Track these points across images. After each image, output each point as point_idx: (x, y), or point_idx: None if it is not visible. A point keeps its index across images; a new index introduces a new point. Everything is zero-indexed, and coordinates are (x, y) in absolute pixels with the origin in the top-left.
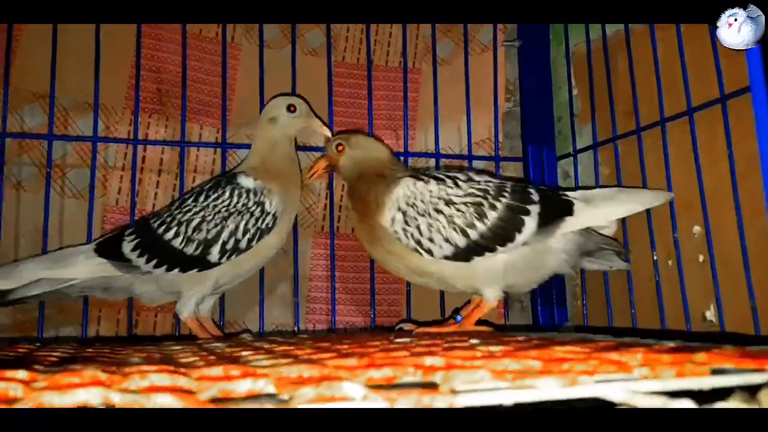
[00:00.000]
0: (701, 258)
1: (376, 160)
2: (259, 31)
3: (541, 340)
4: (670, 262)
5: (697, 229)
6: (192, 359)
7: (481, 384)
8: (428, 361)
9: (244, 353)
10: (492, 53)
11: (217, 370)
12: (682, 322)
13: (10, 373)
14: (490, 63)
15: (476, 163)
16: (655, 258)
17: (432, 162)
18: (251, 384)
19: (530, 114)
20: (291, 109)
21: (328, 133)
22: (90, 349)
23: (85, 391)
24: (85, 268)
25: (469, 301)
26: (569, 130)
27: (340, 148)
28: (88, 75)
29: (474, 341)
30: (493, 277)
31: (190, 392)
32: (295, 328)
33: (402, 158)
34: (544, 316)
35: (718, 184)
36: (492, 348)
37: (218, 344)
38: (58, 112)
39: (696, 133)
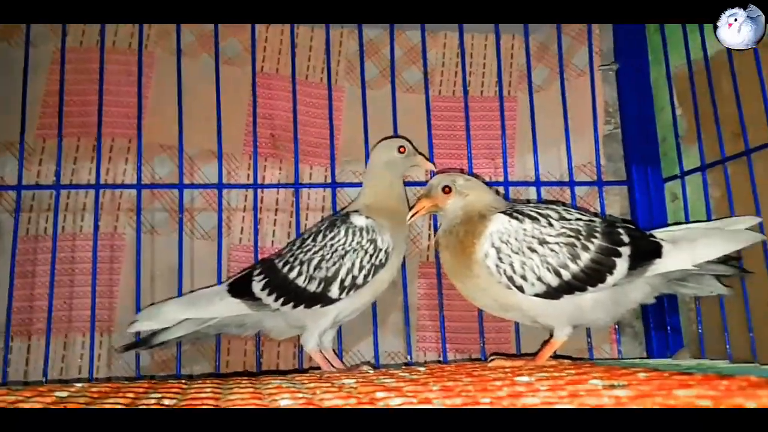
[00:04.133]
0: None
1: (480, 202)
2: (361, 72)
3: (662, 379)
4: None
5: None
6: None
7: None
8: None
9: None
10: (588, 77)
11: None
12: None
13: None
14: (586, 87)
15: (579, 189)
16: None
17: (533, 190)
18: None
19: (632, 136)
20: (401, 150)
21: (432, 167)
22: None
23: None
24: (222, 307)
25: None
26: (674, 152)
27: (447, 190)
28: (208, 124)
29: (596, 382)
30: (572, 315)
31: None
32: (408, 357)
33: (502, 188)
34: (659, 342)
35: None
36: (618, 392)
37: (348, 380)
38: (185, 161)
39: None
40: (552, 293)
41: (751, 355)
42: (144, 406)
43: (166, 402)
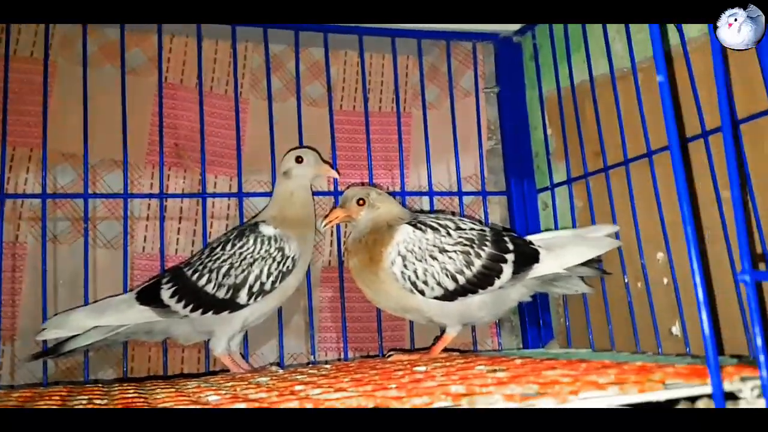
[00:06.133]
0: (665, 281)
1: (389, 213)
2: (267, 86)
3: (534, 363)
4: (639, 284)
5: (660, 255)
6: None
7: (497, 405)
8: (453, 388)
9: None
10: (474, 98)
11: None
12: (651, 336)
13: None
14: (472, 106)
15: (465, 198)
16: (626, 281)
17: (425, 199)
18: None
19: (511, 151)
20: (298, 161)
21: (336, 175)
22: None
23: None
24: (131, 315)
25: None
26: (546, 166)
27: (361, 202)
28: (110, 134)
29: (481, 367)
30: (463, 314)
31: None
32: (312, 357)
33: (399, 197)
34: (533, 335)
35: (677, 216)
36: (499, 374)
37: (263, 378)
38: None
39: (656, 173)
40: (448, 296)
41: (609, 344)
42: (80, 407)
43: (98, 402)
